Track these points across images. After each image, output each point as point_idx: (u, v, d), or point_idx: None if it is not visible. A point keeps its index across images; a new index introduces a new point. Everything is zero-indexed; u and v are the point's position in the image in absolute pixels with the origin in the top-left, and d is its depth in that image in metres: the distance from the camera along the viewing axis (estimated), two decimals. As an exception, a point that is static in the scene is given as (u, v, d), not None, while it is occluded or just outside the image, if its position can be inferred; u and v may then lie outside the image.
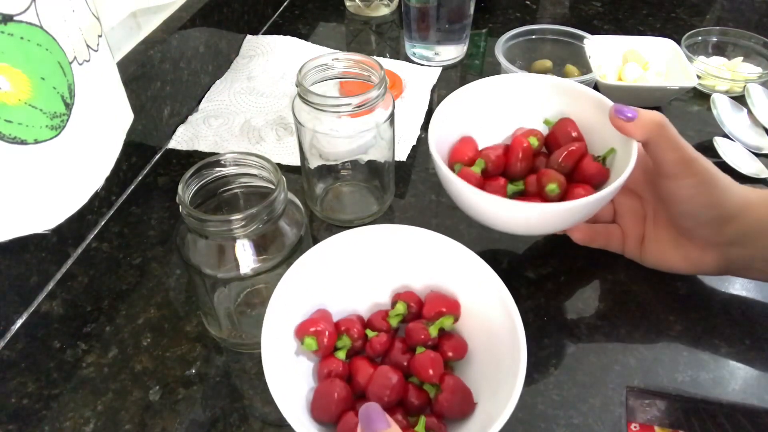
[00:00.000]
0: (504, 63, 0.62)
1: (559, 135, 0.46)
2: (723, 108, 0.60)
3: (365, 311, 0.40)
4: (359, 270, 0.40)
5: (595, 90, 0.45)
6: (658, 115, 0.39)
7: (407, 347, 0.38)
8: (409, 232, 0.39)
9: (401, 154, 0.59)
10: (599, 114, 0.44)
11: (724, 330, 0.43)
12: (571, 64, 0.66)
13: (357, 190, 0.54)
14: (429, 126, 0.44)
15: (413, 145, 0.60)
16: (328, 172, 0.53)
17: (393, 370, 0.35)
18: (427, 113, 0.64)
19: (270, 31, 0.79)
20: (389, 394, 0.34)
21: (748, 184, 0.41)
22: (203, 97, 0.66)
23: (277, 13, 0.83)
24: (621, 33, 0.76)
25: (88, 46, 0.40)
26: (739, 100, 0.61)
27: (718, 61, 0.68)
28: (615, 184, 0.39)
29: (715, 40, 0.71)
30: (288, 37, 0.75)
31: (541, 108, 0.48)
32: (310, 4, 0.85)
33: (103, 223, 0.52)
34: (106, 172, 0.45)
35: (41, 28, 0.35)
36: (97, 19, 0.42)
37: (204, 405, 0.39)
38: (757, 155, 0.57)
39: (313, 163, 0.50)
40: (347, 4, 0.84)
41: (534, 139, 0.46)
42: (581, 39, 0.65)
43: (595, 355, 0.42)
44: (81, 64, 0.39)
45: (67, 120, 0.38)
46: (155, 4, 0.57)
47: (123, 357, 0.42)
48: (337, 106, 0.43)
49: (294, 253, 0.38)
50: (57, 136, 0.37)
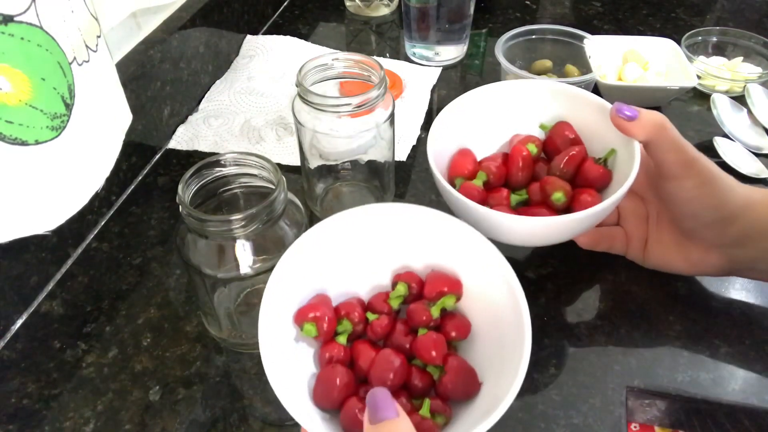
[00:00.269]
0: (504, 63, 0.62)
1: (557, 139, 0.46)
2: (723, 108, 0.60)
3: (365, 294, 0.40)
4: (358, 251, 0.39)
5: (595, 90, 0.45)
6: (659, 115, 0.39)
7: (409, 329, 0.37)
8: (408, 210, 0.38)
9: (401, 154, 0.59)
10: (596, 115, 0.44)
11: (724, 330, 0.43)
12: (571, 64, 0.66)
13: (357, 190, 0.54)
14: (427, 141, 0.43)
15: (413, 145, 0.60)
16: (328, 172, 0.53)
17: (395, 353, 0.35)
18: (427, 113, 0.64)
19: (270, 31, 0.79)
20: (392, 378, 0.34)
21: (748, 184, 0.41)
22: (203, 97, 0.66)
23: (277, 13, 0.83)
24: (621, 33, 0.76)
25: (87, 46, 0.40)
26: (739, 100, 0.62)
27: (718, 61, 0.68)
28: (623, 188, 0.39)
29: (715, 40, 0.71)
30: (288, 37, 0.75)
31: (536, 113, 0.47)
32: (310, 4, 0.85)
33: (103, 223, 0.52)
34: (107, 173, 0.45)
35: (41, 28, 0.35)
36: (96, 19, 0.42)
37: (204, 405, 0.40)
38: (757, 155, 0.57)
39: (313, 163, 0.50)
40: (347, 4, 0.84)
41: (533, 146, 0.45)
42: (581, 39, 0.65)
43: (595, 355, 0.42)
44: (80, 65, 0.39)
45: (68, 120, 0.38)
46: (155, 4, 0.57)
47: (123, 357, 0.42)
48: (337, 106, 0.43)
49: (294, 253, 0.38)
50: (57, 136, 0.37)
